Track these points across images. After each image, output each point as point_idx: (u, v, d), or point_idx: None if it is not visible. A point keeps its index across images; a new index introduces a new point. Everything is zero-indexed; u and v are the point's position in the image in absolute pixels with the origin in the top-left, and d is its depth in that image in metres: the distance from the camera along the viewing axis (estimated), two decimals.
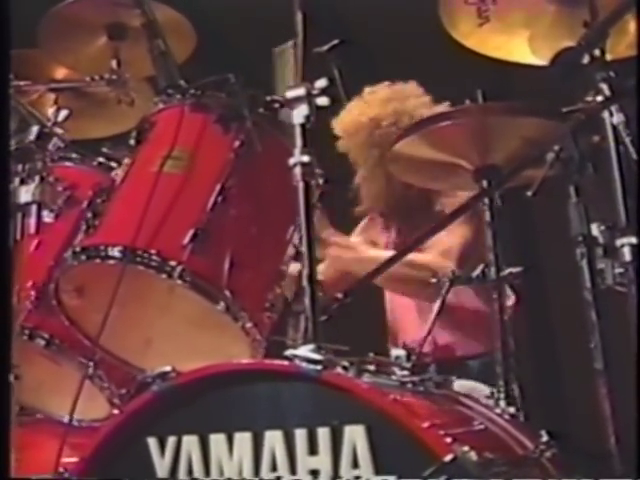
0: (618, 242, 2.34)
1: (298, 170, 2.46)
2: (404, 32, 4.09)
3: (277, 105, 2.62)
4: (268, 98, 2.66)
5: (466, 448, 2.05)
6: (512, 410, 2.60)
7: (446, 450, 2.03)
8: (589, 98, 2.45)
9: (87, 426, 2.99)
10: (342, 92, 3.63)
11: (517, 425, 2.52)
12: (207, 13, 3.64)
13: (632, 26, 2.66)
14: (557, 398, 3.97)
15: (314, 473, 2.14)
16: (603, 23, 2.52)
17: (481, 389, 2.79)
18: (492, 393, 2.65)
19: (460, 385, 2.70)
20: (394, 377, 2.51)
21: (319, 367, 2.19)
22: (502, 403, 2.62)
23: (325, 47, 3.71)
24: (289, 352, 2.26)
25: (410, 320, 3.43)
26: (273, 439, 2.18)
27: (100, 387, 2.96)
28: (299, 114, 2.48)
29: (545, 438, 2.41)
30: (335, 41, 3.76)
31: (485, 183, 2.79)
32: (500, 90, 3.28)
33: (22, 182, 2.66)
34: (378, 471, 2.08)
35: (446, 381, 2.60)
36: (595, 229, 2.39)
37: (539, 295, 3.97)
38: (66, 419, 2.86)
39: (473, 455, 2.04)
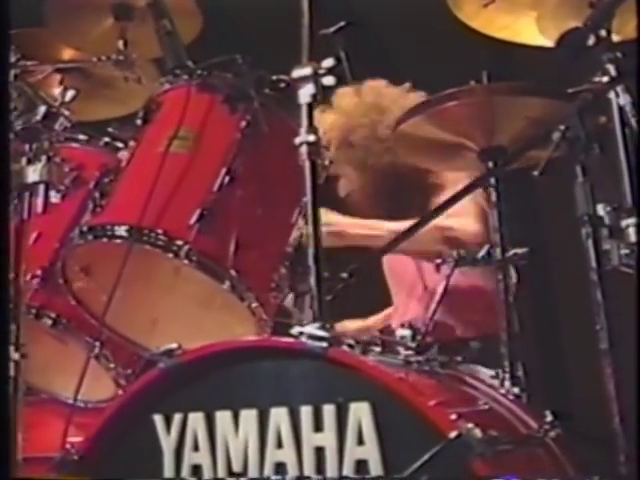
0: (623, 223, 2.34)
1: (304, 149, 2.45)
2: (409, 13, 4.08)
3: (283, 85, 2.62)
4: (274, 78, 2.66)
5: (471, 425, 2.05)
6: (516, 390, 2.61)
7: (451, 427, 2.04)
8: (596, 79, 2.45)
9: (93, 407, 2.99)
10: (348, 74, 3.63)
11: (521, 405, 2.53)
12: None
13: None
14: (561, 378, 3.97)
15: (319, 450, 2.15)
16: (609, 3, 2.52)
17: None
18: (497, 373, 2.66)
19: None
20: (399, 356, 2.52)
21: (325, 344, 2.19)
22: (507, 383, 2.62)
23: (331, 29, 3.71)
24: (295, 329, 2.26)
25: (413, 299, 3.43)
26: (278, 416, 2.19)
27: (106, 367, 2.97)
28: (305, 93, 2.48)
29: (549, 418, 2.41)
30: (341, 23, 3.76)
31: (491, 164, 2.80)
32: (505, 71, 3.29)
33: (29, 162, 2.66)
34: (383, 448, 2.09)
35: (451, 361, 2.61)
36: (601, 210, 2.39)
37: (544, 275, 3.97)
38: (71, 399, 2.88)
39: (478, 432, 2.05)
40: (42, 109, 2.73)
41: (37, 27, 3.33)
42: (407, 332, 2.61)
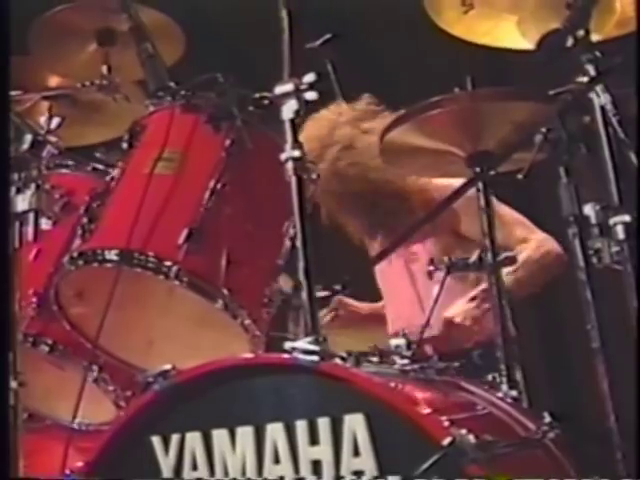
0: (611, 221, 2.35)
1: (290, 165, 2.47)
2: (389, 22, 4.10)
3: (266, 102, 2.64)
4: (257, 95, 2.68)
5: (464, 431, 2.06)
6: (514, 393, 2.61)
7: (444, 434, 2.04)
8: (578, 79, 2.46)
9: (95, 430, 3.00)
10: (336, 86, 3.65)
11: (519, 408, 2.54)
12: (194, 14, 3.65)
13: (618, 5, 2.67)
14: (558, 380, 3.97)
15: (316, 463, 2.16)
16: (585, 3, 2.53)
17: None
18: (494, 378, 2.67)
19: None
20: (395, 366, 2.53)
21: (316, 358, 2.20)
22: (504, 387, 2.63)
23: (317, 42, 3.73)
24: (288, 344, 2.28)
25: (407, 308, 3.43)
26: (275, 431, 2.20)
27: (105, 390, 2.99)
28: (288, 109, 2.49)
29: (548, 419, 2.42)
30: (327, 35, 3.78)
31: (478, 169, 2.81)
32: (488, 76, 3.30)
33: (18, 191, 2.68)
34: (379, 458, 2.10)
35: (447, 368, 2.61)
36: (589, 209, 2.39)
37: None
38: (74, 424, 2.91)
39: (471, 438, 2.06)
40: (29, 137, 2.76)
41: (22, 55, 3.34)
42: (402, 341, 2.62)
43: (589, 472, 2.30)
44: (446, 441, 2.02)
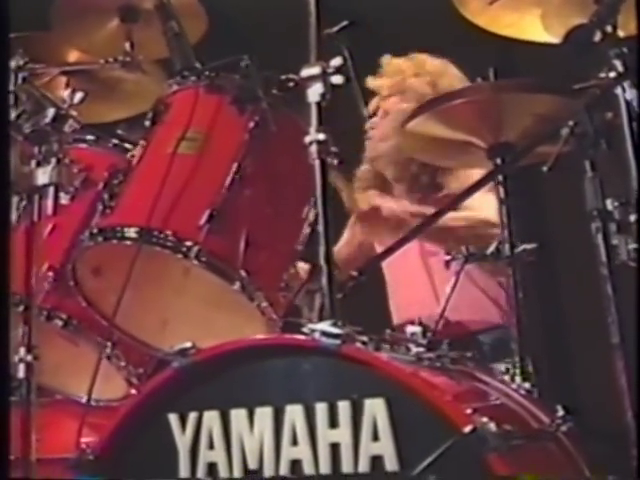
0: (632, 218, 2.35)
1: (314, 148, 2.46)
2: (414, 11, 4.09)
3: (292, 84, 2.63)
4: (282, 77, 2.67)
5: (485, 419, 2.06)
6: (528, 386, 2.62)
7: (466, 421, 2.04)
8: (602, 75, 2.45)
9: (105, 406, 3.00)
10: (352, 73, 3.64)
11: (533, 400, 2.54)
12: None
13: None
14: (573, 373, 3.97)
15: (334, 446, 2.16)
16: None
17: None
18: (507, 369, 2.67)
19: None
20: (411, 353, 2.53)
21: (338, 341, 2.20)
22: (518, 379, 2.64)
23: (335, 28, 3.72)
24: (308, 327, 2.27)
25: (420, 295, 3.44)
26: (293, 413, 2.20)
27: (117, 367, 2.98)
28: (314, 92, 2.48)
29: (561, 413, 2.42)
30: (344, 22, 3.77)
31: (499, 160, 2.81)
32: (510, 68, 3.30)
33: (39, 164, 2.67)
34: (399, 444, 2.10)
35: (462, 357, 2.62)
36: (609, 205, 2.40)
37: (554, 271, 3.98)
38: (84, 399, 2.90)
39: (493, 426, 2.05)
40: (51, 111, 2.73)
41: (44, 31, 3.33)
42: (418, 329, 2.61)
43: (602, 467, 2.31)
44: (468, 428, 2.03)
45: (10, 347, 2.36)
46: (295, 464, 2.19)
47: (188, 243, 2.63)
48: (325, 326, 2.25)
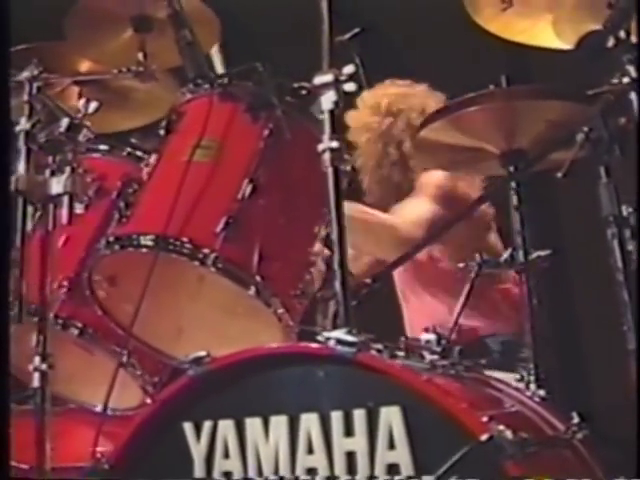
0: None
1: (327, 156, 2.45)
2: (426, 17, 4.09)
3: (305, 92, 2.63)
4: (295, 85, 2.67)
5: (502, 427, 2.06)
6: (542, 393, 2.61)
7: (482, 429, 2.04)
8: (615, 80, 2.45)
9: (120, 415, 3.01)
10: (364, 81, 3.65)
11: (548, 407, 2.53)
12: (231, 2, 3.64)
13: None
14: (587, 380, 3.97)
15: (350, 455, 2.15)
16: (627, 4, 2.52)
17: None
18: (522, 376, 2.67)
19: None
20: (425, 361, 2.53)
21: (354, 349, 2.20)
22: (532, 386, 2.63)
23: (347, 35, 3.73)
24: (323, 335, 2.27)
25: (434, 302, 3.44)
26: (309, 422, 2.20)
27: (133, 375, 2.99)
28: (327, 100, 2.49)
29: (576, 420, 2.41)
30: (356, 29, 3.77)
31: (512, 167, 2.81)
32: (523, 74, 3.29)
33: (53, 174, 2.68)
34: (414, 452, 2.10)
35: (476, 365, 2.61)
36: (624, 211, 2.39)
37: (568, 277, 3.97)
38: (99, 408, 2.91)
39: (509, 434, 2.05)
40: (65, 121, 2.75)
41: (58, 40, 3.34)
42: (432, 337, 2.61)
43: (617, 475, 2.30)
44: (484, 437, 2.02)
45: (9, 347, 2.37)
46: (311, 472, 2.19)
47: (205, 250, 2.63)
48: (340, 334, 2.25)
